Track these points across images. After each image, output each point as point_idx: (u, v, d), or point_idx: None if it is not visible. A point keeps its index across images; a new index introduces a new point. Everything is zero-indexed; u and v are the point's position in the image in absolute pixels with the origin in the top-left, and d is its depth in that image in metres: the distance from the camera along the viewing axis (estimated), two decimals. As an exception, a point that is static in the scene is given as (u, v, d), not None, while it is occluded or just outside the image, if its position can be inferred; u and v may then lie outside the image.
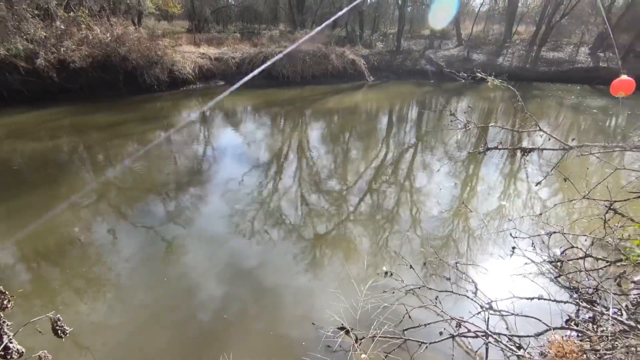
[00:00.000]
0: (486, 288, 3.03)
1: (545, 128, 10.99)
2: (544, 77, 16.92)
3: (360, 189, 6.03)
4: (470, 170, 7.06)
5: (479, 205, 5.49)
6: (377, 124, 10.70)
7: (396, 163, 7.35)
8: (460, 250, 4.39)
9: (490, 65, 17.04)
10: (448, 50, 18.89)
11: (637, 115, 11.85)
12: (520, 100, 2.80)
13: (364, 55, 16.80)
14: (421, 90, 15.17)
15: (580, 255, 2.58)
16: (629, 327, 1.65)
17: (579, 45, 18.69)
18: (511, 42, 19.33)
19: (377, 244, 4.54)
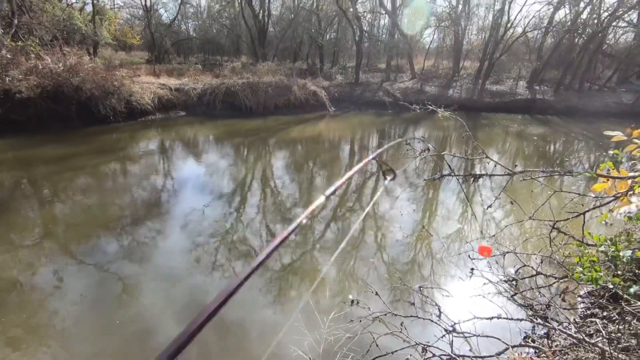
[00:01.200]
0: (449, 310, 3.09)
1: (494, 154, 11.78)
2: (490, 107, 18.40)
3: (325, 217, 6.06)
4: (430, 195, 7.36)
5: (440, 229, 5.69)
6: (340, 152, 10.96)
7: (360, 190, 7.51)
8: (424, 274, 4.48)
9: (442, 97, 18.30)
10: (403, 82, 20.10)
11: (570, 142, 13.15)
12: (468, 130, 3.02)
13: (325, 87, 17.41)
14: (380, 119, 15.86)
15: (532, 273, 2.74)
16: (578, 340, 1.75)
17: (518, 79, 20.67)
18: (459, 76, 20.98)
19: (344, 271, 4.52)
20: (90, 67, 11.60)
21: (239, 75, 16.18)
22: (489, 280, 2.95)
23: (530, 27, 20.27)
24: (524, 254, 2.99)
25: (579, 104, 18.25)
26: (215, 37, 24.44)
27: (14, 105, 10.05)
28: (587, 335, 1.81)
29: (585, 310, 2.36)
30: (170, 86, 14.20)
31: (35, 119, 10.59)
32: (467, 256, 3.81)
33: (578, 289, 2.25)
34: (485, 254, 2.73)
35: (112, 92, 11.92)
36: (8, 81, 9.97)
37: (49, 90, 10.59)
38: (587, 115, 17.37)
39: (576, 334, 1.84)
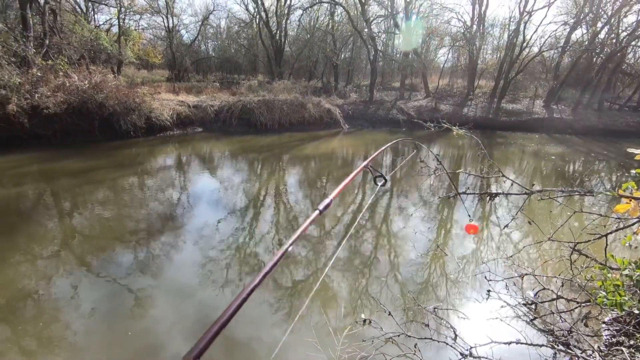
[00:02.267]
0: (465, 333, 2.98)
1: (511, 173, 11.58)
2: (506, 126, 18.19)
3: (338, 234, 6.01)
4: (445, 213, 7.24)
5: (454, 249, 5.56)
6: (353, 169, 10.94)
7: (373, 207, 7.45)
8: (438, 294, 4.36)
9: (456, 115, 18.22)
10: (417, 101, 20.16)
11: (590, 161, 12.80)
12: (484, 148, 2.99)
13: (339, 105, 17.62)
14: (394, 137, 15.87)
15: (552, 297, 2.62)
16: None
17: (534, 98, 20.46)
18: (474, 94, 20.92)
19: (356, 290, 4.44)
20: (114, 84, 12.09)
21: (255, 93, 16.57)
22: (507, 303, 2.84)
23: (547, 47, 20.17)
24: (544, 276, 2.88)
25: (598, 123, 17.86)
26: (233, 57, 25.22)
27: (41, 120, 10.52)
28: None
29: (610, 337, 2.23)
30: (189, 103, 14.63)
31: (61, 133, 11.03)
32: (483, 277, 3.69)
33: (602, 314, 2.14)
34: (471, 231, 2.70)
35: (133, 109, 12.35)
36: (37, 98, 10.46)
37: (74, 107, 11.06)
38: (607, 134, 16.96)
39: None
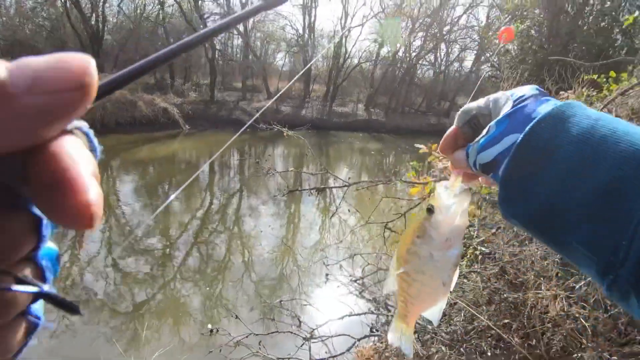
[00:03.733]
0: (309, 318, 3.30)
1: (344, 168, 13.24)
2: (338, 126, 20.75)
3: (186, 242, 5.61)
4: (292, 209, 7.73)
5: (302, 241, 6.03)
6: (199, 172, 10.39)
7: (223, 210, 7.28)
8: (292, 286, 4.64)
9: (297, 116, 19.61)
10: (260, 102, 20.68)
11: (399, 154, 16.02)
12: (310, 148, 3.36)
13: (177, 104, 16.32)
14: (239, 138, 15.83)
15: (374, 270, 3.23)
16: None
17: (357, 102, 24.05)
18: (310, 97, 22.98)
19: (211, 299, 4.27)
20: None
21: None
22: (341, 282, 3.29)
23: (364, 59, 23.99)
24: (369, 254, 3.48)
25: (402, 124, 22.46)
26: (28, 39, 19.84)
27: None
28: None
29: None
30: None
31: None
32: (322, 263, 4.14)
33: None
34: (504, 36, 2.64)
35: None
36: None
37: None
38: (409, 133, 21.55)
39: None
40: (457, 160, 0.45)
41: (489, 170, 0.38)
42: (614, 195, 0.28)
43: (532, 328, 1.18)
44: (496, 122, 0.38)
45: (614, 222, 0.28)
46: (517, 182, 0.34)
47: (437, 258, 0.45)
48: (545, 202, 0.32)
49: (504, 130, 0.37)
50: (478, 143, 0.39)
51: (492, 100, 0.41)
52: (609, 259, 0.28)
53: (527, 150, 0.33)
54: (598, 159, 0.29)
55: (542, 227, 0.33)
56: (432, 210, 0.44)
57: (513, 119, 0.37)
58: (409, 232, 0.48)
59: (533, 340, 1.19)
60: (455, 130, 0.46)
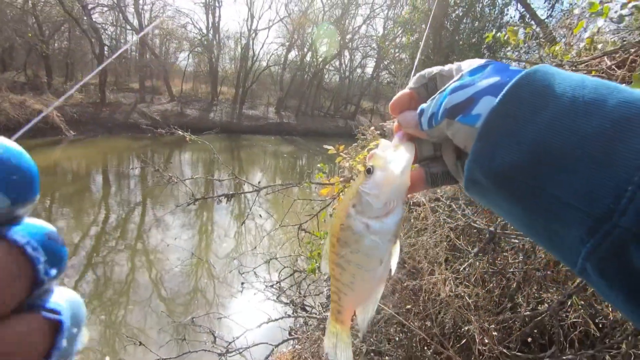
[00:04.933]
0: (226, 331, 3.17)
1: (258, 172, 13.05)
2: (249, 130, 20.38)
3: (77, 265, 4.88)
4: (204, 218, 7.33)
5: (217, 250, 5.76)
6: (90, 184, 9.13)
7: (123, 225, 6.52)
8: (208, 299, 4.40)
9: (204, 120, 18.66)
10: (162, 105, 19.11)
11: (313, 156, 16.47)
12: (217, 153, 3.25)
13: (58, 107, 14.08)
14: (139, 144, 14.39)
15: (290, 273, 3.26)
16: (319, 320, 2.23)
17: (268, 105, 23.97)
18: (218, 100, 22.09)
19: (112, 326, 3.79)
20: None
21: None
22: (258, 290, 3.25)
23: (272, 63, 24.03)
24: (284, 257, 3.50)
25: (313, 127, 23.13)
26: None
27: None
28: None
29: (328, 291, 3.01)
30: None
31: None
32: (237, 272, 4.03)
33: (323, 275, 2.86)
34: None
35: None
36: None
37: None
38: (319, 135, 22.30)
39: (319, 315, 2.34)
40: (406, 120, 0.40)
41: (458, 111, 0.33)
42: (619, 135, 0.25)
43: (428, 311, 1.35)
44: (469, 70, 0.35)
45: (617, 164, 0.25)
46: (505, 125, 0.30)
47: (375, 229, 0.39)
48: (535, 148, 0.28)
49: (479, 76, 0.34)
50: (446, 89, 0.35)
51: (453, 63, 0.39)
52: (608, 207, 0.25)
53: (522, 89, 0.30)
54: (599, 101, 0.27)
55: (524, 182, 0.29)
56: (371, 170, 0.39)
57: (487, 68, 0.34)
58: (344, 203, 0.41)
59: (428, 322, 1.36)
60: (410, 92, 0.42)
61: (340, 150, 2.51)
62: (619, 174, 0.25)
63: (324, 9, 22.76)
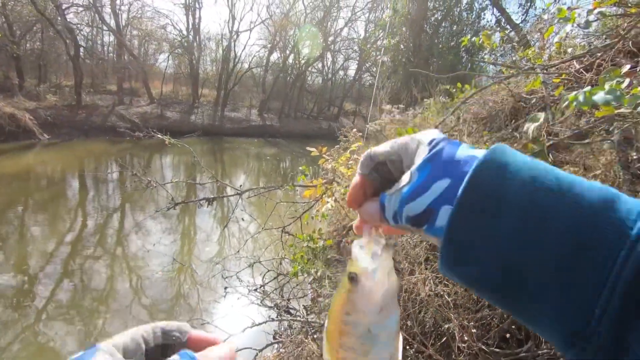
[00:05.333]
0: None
1: (241, 174, 12.94)
2: (231, 132, 20.18)
3: (52, 274, 4.71)
4: (186, 222, 7.20)
5: (200, 254, 5.67)
6: (66, 190, 8.83)
7: (101, 231, 6.33)
8: (191, 305, 4.32)
9: (185, 122, 18.36)
10: (141, 107, 18.69)
11: (296, 158, 16.44)
12: (197, 156, 3.21)
13: (30, 109, 13.59)
14: (117, 148, 14.01)
15: (274, 276, 3.24)
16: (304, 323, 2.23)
17: (250, 107, 23.79)
18: (199, 102, 21.78)
19: (92, 335, 3.67)
20: None
21: None
22: (241, 294, 3.22)
23: (254, 64, 23.88)
24: (268, 260, 3.47)
25: (296, 129, 23.10)
26: None
27: None
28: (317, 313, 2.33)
29: (312, 294, 3.01)
30: None
31: None
32: (221, 276, 3.99)
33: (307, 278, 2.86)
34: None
35: None
36: None
37: None
38: (303, 137, 22.28)
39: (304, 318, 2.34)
40: (368, 214, 0.38)
41: (422, 222, 0.33)
42: (583, 247, 0.24)
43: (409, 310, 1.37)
44: (417, 168, 0.34)
45: (585, 281, 0.24)
46: (466, 235, 0.29)
47: (376, 332, 0.38)
48: (500, 263, 0.27)
49: (430, 176, 0.32)
50: (401, 192, 0.34)
51: (398, 144, 0.37)
52: (578, 326, 0.24)
53: (474, 196, 0.29)
54: (555, 205, 0.26)
55: (493, 295, 0.29)
56: (355, 278, 0.38)
57: (435, 163, 0.33)
58: (335, 311, 0.40)
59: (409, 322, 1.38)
60: (362, 179, 0.39)
61: (323, 152, 2.52)
62: (587, 290, 0.24)
63: (305, 11, 22.81)
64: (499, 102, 2.51)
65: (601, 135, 1.35)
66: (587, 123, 1.44)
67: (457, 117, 2.55)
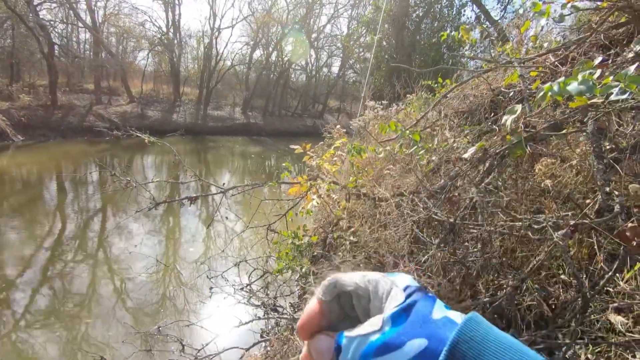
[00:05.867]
0: (198, 338, 3.08)
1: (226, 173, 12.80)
2: (215, 131, 19.91)
3: (30, 280, 4.56)
4: (170, 223, 7.08)
5: (185, 255, 5.58)
6: (43, 193, 8.54)
7: (82, 234, 6.16)
8: (178, 306, 4.25)
9: (166, 121, 18.02)
10: (120, 106, 18.22)
11: (282, 155, 16.36)
12: (178, 156, 3.16)
13: (3, 110, 13.09)
14: (97, 149, 13.63)
15: (261, 275, 3.22)
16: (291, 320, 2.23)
17: (234, 106, 23.51)
18: (181, 101, 21.39)
19: (74, 342, 3.57)
20: None
21: None
22: (228, 294, 3.19)
23: (237, 62, 23.57)
24: (254, 259, 3.44)
25: (281, 127, 22.98)
26: None
27: None
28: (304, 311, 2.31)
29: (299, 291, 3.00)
30: None
31: None
32: (206, 277, 3.94)
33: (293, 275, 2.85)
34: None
35: None
36: None
37: None
38: (288, 135, 22.19)
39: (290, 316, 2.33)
40: (318, 352, 0.33)
41: None
42: None
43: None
44: (391, 316, 0.31)
45: None
46: None
47: None
48: None
49: (405, 330, 0.30)
50: (367, 341, 0.30)
51: (370, 280, 0.34)
52: None
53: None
54: None
55: None
56: None
57: (411, 317, 0.30)
58: None
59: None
60: (321, 307, 0.35)
61: (307, 149, 2.51)
62: None
63: (288, 7, 22.63)
64: (478, 96, 2.56)
65: (576, 127, 1.39)
66: (562, 114, 1.48)
67: (438, 111, 2.58)
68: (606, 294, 1.24)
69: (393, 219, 1.58)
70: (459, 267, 1.49)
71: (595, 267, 1.29)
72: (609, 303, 1.19)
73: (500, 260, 1.45)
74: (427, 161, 2.01)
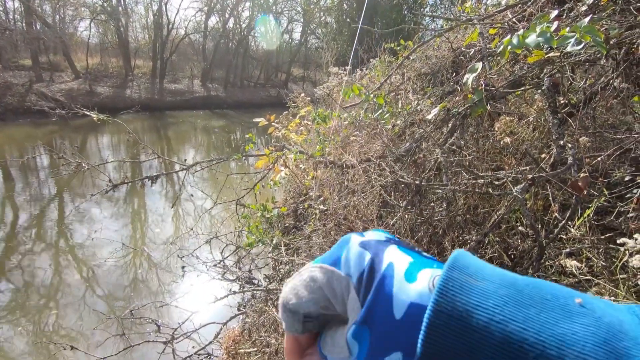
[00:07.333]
0: (176, 317, 3.07)
1: (190, 150, 12.34)
2: (174, 106, 18.91)
3: (-15, 276, 4.28)
4: (135, 205, 6.81)
5: (155, 237, 5.43)
6: (-13, 183, 7.85)
7: (38, 224, 5.80)
8: (152, 288, 4.18)
9: (119, 98, 16.84)
10: (65, 83, 16.74)
11: (246, 128, 15.92)
12: (132, 133, 2.98)
13: None
14: (43, 131, 12.58)
15: (233, 250, 3.21)
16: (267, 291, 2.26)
17: (192, 78, 22.29)
18: (134, 75, 19.95)
19: (43, 334, 3.45)
20: None
21: None
22: (200, 271, 3.16)
23: (191, 30, 22.08)
24: (226, 235, 3.41)
25: (243, 98, 22.20)
26: None
27: None
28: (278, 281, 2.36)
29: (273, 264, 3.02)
30: None
31: None
32: (177, 256, 3.88)
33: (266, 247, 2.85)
34: None
35: None
36: None
37: None
38: (251, 106, 21.52)
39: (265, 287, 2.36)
40: None
41: None
42: None
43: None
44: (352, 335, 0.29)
45: None
46: None
47: None
48: None
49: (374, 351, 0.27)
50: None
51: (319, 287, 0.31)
52: None
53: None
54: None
55: None
56: None
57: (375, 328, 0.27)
58: None
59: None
60: (295, 338, 0.34)
61: (271, 120, 2.43)
62: None
63: (242, -31, 21.22)
64: (441, 57, 2.56)
65: (533, 83, 1.43)
66: (520, 70, 1.51)
67: (401, 74, 2.56)
68: (559, 242, 1.33)
69: (361, 185, 1.59)
70: (426, 227, 1.55)
71: (550, 217, 1.38)
72: (562, 249, 1.29)
73: (464, 218, 1.51)
74: (392, 125, 2.01)
